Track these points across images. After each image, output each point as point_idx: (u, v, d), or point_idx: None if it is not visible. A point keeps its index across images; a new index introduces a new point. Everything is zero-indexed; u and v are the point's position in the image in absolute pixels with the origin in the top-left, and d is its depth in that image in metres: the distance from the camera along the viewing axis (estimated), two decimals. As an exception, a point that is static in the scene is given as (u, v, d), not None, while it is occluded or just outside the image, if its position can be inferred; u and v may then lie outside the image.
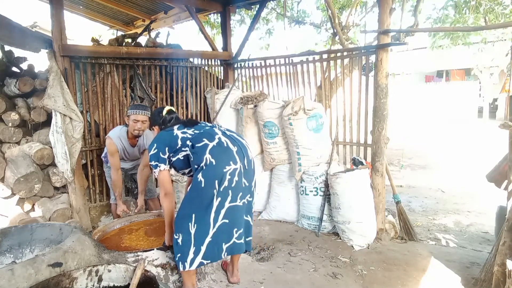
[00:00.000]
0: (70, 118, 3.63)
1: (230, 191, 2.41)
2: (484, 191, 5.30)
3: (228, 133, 2.58)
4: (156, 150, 2.49)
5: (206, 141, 2.43)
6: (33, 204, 3.86)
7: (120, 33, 6.91)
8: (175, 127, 2.58)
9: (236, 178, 2.42)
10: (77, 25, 8.62)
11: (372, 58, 3.73)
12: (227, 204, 2.42)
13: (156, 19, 6.22)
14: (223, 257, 2.52)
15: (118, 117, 4.39)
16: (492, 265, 2.61)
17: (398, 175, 6.71)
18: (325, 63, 4.50)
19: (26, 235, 2.72)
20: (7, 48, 4.29)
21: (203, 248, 2.41)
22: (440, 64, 16.53)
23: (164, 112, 2.71)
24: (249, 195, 2.55)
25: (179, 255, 2.42)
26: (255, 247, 3.63)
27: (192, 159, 2.45)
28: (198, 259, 2.41)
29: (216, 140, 2.45)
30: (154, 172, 2.54)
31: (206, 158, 2.38)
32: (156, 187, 4.04)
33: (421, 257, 3.32)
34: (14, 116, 3.98)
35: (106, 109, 4.28)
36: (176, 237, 2.43)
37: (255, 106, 4.55)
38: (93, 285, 2.11)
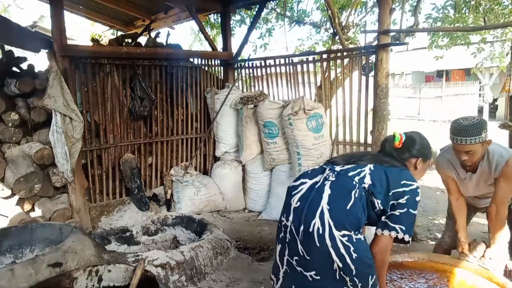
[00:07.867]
0: (70, 118, 3.63)
1: (286, 245, 1.84)
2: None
3: (319, 184, 1.79)
4: None
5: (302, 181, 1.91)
6: (33, 204, 3.85)
7: (120, 33, 6.90)
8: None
9: (288, 236, 1.81)
10: (77, 25, 8.61)
11: (372, 58, 3.73)
12: (285, 256, 1.86)
13: (156, 19, 6.21)
14: None
15: (118, 117, 4.39)
16: (492, 265, 2.61)
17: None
18: (325, 63, 4.50)
19: (26, 235, 2.73)
20: (7, 48, 4.30)
21: None
22: (440, 64, 16.50)
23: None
24: (314, 272, 1.73)
25: None
26: (255, 247, 3.63)
27: None
28: None
29: (298, 182, 1.90)
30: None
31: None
32: None
33: (421, 257, 3.31)
34: (14, 116, 3.99)
35: (106, 109, 4.28)
36: None
37: (255, 106, 4.55)
38: (93, 285, 2.11)
